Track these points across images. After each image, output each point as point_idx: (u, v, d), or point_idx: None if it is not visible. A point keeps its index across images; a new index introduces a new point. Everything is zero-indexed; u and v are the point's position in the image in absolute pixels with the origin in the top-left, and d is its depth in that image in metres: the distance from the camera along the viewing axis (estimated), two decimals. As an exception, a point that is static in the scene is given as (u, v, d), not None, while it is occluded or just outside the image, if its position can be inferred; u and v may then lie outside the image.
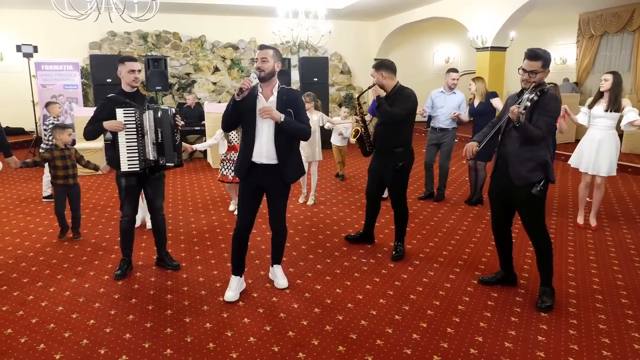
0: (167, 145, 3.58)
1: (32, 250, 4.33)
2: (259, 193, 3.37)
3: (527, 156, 3.12)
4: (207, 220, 5.25)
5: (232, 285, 3.41)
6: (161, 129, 3.56)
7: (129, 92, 3.63)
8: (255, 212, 3.40)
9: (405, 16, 11.88)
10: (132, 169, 3.55)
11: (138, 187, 3.72)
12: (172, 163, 3.62)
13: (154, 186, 3.76)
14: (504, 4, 8.82)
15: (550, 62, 3.16)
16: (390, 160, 3.97)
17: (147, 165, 3.59)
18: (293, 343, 2.84)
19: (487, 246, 4.40)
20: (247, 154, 3.24)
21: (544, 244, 3.26)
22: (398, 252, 4.12)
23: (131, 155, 3.54)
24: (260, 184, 3.30)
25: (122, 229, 3.76)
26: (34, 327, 3.01)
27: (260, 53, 3.15)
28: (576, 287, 3.57)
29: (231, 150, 5.11)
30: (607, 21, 11.09)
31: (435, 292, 3.49)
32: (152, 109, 3.56)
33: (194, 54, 11.91)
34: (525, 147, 3.13)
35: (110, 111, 3.51)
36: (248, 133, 3.24)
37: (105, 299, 3.40)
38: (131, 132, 3.52)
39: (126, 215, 3.72)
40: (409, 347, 2.79)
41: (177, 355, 2.72)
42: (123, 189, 3.66)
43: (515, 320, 3.09)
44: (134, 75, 3.58)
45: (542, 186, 3.11)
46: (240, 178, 3.35)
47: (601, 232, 4.76)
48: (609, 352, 2.74)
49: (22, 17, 10.40)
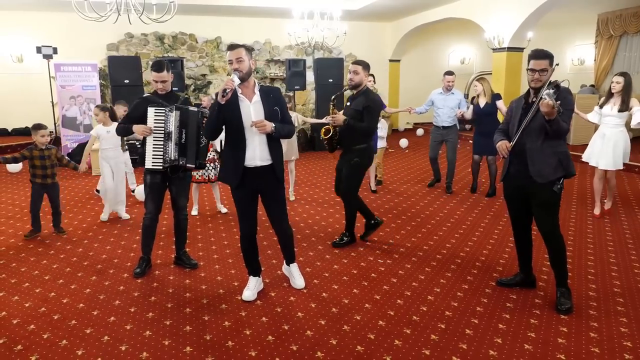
0: (189, 146, 3.64)
1: (52, 248, 4.40)
2: (255, 195, 3.30)
3: (549, 152, 3.09)
4: (224, 219, 5.28)
5: (250, 285, 3.44)
6: (185, 130, 3.62)
7: (163, 93, 3.72)
8: (256, 214, 3.37)
9: (421, 17, 11.82)
10: (155, 167, 3.61)
11: (162, 185, 3.76)
12: (193, 165, 3.67)
13: (178, 185, 3.80)
14: (522, 4, 8.73)
15: (553, 60, 3.16)
16: (350, 156, 4.22)
17: (171, 164, 3.63)
18: (311, 342, 2.85)
19: (505, 247, 4.36)
20: (238, 160, 3.13)
21: (558, 243, 3.22)
22: (343, 240, 4.43)
23: (156, 153, 3.60)
24: (254, 186, 3.24)
25: (144, 226, 3.81)
26: (56, 324, 3.06)
27: (233, 53, 3.05)
28: (596, 289, 3.52)
29: None
30: (627, 21, 10.92)
31: (453, 294, 3.47)
32: (180, 110, 3.61)
33: (210, 55, 12.00)
34: (547, 143, 3.08)
35: (143, 110, 3.61)
36: (237, 139, 3.13)
37: (125, 297, 3.44)
38: (159, 131, 3.59)
39: (149, 212, 3.76)
40: (427, 348, 2.78)
41: (197, 353, 2.75)
42: (147, 185, 3.73)
43: (535, 322, 3.05)
44: (158, 85, 3.67)
45: (561, 184, 3.12)
46: (232, 185, 3.24)
47: (621, 233, 4.69)
48: (631, 356, 2.70)
49: (42, 19, 10.57)
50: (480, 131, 6.06)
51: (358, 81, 4.14)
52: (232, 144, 3.17)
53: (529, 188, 3.20)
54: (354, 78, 4.15)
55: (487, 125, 5.80)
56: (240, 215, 3.32)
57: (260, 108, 3.14)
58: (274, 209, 3.37)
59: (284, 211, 3.41)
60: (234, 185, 3.23)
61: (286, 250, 3.58)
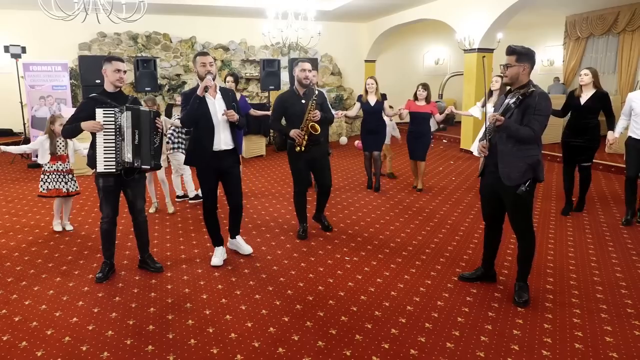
0: (144, 147, 3.56)
1: (17, 250, 4.34)
2: (217, 175, 3.90)
3: (519, 155, 3.14)
4: (194, 219, 5.28)
5: (217, 253, 4.01)
6: (138, 131, 3.53)
7: (112, 92, 3.61)
8: (217, 191, 3.97)
9: (396, 18, 11.96)
10: (108, 170, 3.50)
11: (117, 188, 3.66)
12: (148, 166, 3.61)
13: (134, 188, 3.70)
14: (491, 6, 8.91)
15: (529, 59, 3.17)
16: (325, 148, 4.78)
17: (124, 166, 3.53)
18: (273, 338, 2.88)
19: (470, 243, 4.47)
20: (206, 145, 3.75)
21: (528, 242, 3.30)
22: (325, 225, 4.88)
23: (108, 156, 3.49)
24: (217, 167, 3.84)
25: (102, 231, 3.72)
26: (17, 325, 3.03)
27: (207, 58, 3.75)
28: (554, 282, 3.64)
29: (57, 161, 4.69)
30: (593, 23, 11.23)
31: (416, 289, 3.54)
32: (131, 110, 3.52)
33: (185, 55, 11.91)
34: (518, 147, 3.13)
35: (90, 111, 3.48)
36: (205, 128, 3.73)
37: (89, 298, 3.42)
38: (109, 132, 3.48)
39: (106, 217, 3.67)
40: (387, 342, 2.84)
41: (159, 352, 2.76)
42: (101, 189, 3.61)
43: (492, 315, 3.15)
44: (119, 75, 3.56)
45: (528, 186, 3.14)
46: (201, 166, 3.84)
47: (581, 231, 4.84)
48: (581, 345, 2.81)
49: (10, 18, 10.35)
50: (368, 129, 6.35)
51: None
52: (201, 133, 3.75)
53: (499, 187, 3.28)
54: None
55: (373, 122, 6.25)
56: (207, 189, 3.90)
57: (222, 103, 3.84)
58: (234, 186, 3.98)
59: (240, 188, 4.05)
60: (203, 166, 3.82)
61: (236, 224, 4.19)
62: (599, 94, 5.00)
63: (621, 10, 10.48)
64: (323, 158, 4.60)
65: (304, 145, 4.36)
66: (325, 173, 4.61)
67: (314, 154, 4.45)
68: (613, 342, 2.84)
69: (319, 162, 4.54)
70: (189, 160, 3.97)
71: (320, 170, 4.59)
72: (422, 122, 6.34)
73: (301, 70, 4.32)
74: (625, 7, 10.36)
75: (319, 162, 4.54)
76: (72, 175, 4.84)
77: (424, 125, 6.36)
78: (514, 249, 4.30)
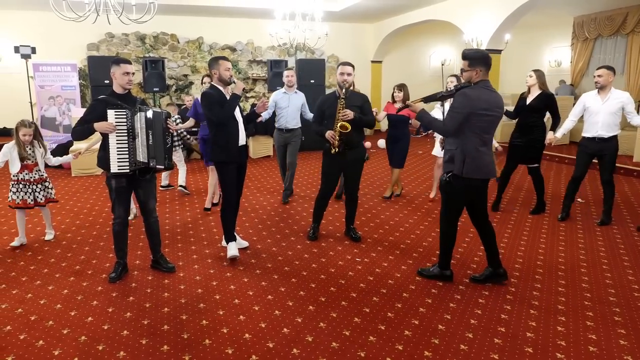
0: (157, 147, 3.58)
1: (30, 249, 4.38)
2: (237, 168, 4.08)
3: (447, 148, 3.51)
4: (204, 220, 5.30)
5: (232, 247, 4.13)
6: (152, 131, 3.57)
7: (121, 93, 3.62)
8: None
9: (402, 19, 11.96)
10: (122, 171, 3.53)
11: (128, 189, 3.70)
12: (162, 165, 3.63)
13: (145, 188, 3.74)
14: (500, 7, 8.91)
15: (481, 62, 3.33)
16: (360, 153, 4.53)
17: (137, 167, 3.58)
18: (287, 339, 2.90)
19: (480, 245, 4.46)
20: (234, 140, 3.98)
21: (443, 232, 3.67)
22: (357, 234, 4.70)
23: (121, 156, 3.52)
24: (239, 161, 4.06)
25: (115, 231, 3.74)
26: (33, 324, 3.07)
27: (228, 64, 3.98)
28: (565, 285, 3.64)
29: (23, 170, 4.34)
30: (601, 24, 11.19)
31: (428, 291, 3.55)
32: (144, 111, 3.56)
33: (192, 56, 11.96)
34: (447, 140, 3.53)
35: (100, 112, 3.49)
36: (233, 124, 3.97)
37: (103, 297, 3.45)
38: (122, 133, 3.51)
39: (118, 217, 3.70)
40: (401, 343, 2.86)
41: (174, 352, 2.78)
42: (113, 190, 3.64)
43: (505, 318, 3.15)
44: (128, 78, 3.58)
45: (448, 177, 3.45)
46: (229, 160, 3.98)
47: (592, 234, 4.84)
48: (595, 348, 2.81)
49: (20, 18, 10.43)
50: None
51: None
52: (227, 130, 3.95)
53: None
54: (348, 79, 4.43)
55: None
56: (229, 186, 4.04)
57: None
58: (243, 180, 4.22)
59: None
60: (230, 160, 3.99)
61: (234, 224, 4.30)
62: (543, 95, 5.14)
63: (630, 10, 10.43)
64: (356, 163, 4.49)
65: (336, 146, 4.31)
66: (354, 179, 4.54)
67: (348, 157, 4.38)
68: (627, 346, 2.84)
69: (351, 167, 4.47)
70: (218, 156, 4.01)
71: (350, 176, 4.53)
72: (398, 126, 5.91)
73: (340, 74, 4.40)
74: (634, 8, 10.32)
75: (351, 167, 4.47)
76: (45, 184, 4.48)
77: (401, 129, 5.93)
78: (524, 251, 4.31)
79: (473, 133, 3.32)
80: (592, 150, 4.95)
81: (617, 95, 4.81)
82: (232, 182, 4.04)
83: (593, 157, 5.01)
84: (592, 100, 4.92)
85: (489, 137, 3.40)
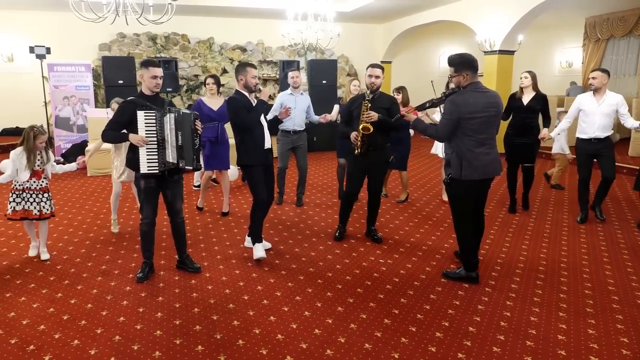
0: (186, 148, 3.63)
1: (54, 249, 4.41)
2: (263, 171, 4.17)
3: (445, 151, 3.69)
4: (224, 220, 5.32)
5: (258, 247, 4.15)
6: (182, 132, 3.61)
7: (149, 95, 3.64)
8: None
9: (412, 19, 11.95)
10: (151, 171, 3.57)
11: (157, 190, 3.72)
12: (191, 166, 3.68)
13: (173, 188, 3.78)
14: (513, 7, 8.90)
15: (466, 66, 3.51)
16: (385, 154, 4.50)
17: (167, 167, 3.61)
18: (320, 340, 2.92)
19: (502, 247, 4.48)
20: (261, 143, 4.10)
21: (457, 234, 3.74)
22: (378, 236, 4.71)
23: (151, 157, 3.55)
24: (265, 163, 4.15)
25: (142, 232, 3.77)
26: (66, 324, 3.09)
27: (255, 71, 4.05)
28: (592, 287, 3.64)
29: (31, 178, 4.03)
30: (614, 25, 11.17)
31: (455, 292, 3.56)
32: (174, 112, 3.59)
33: (202, 56, 11.98)
34: (447, 144, 3.67)
35: (130, 114, 3.52)
36: (256, 129, 4.07)
37: (132, 297, 3.47)
38: (151, 134, 3.54)
39: (146, 218, 3.73)
40: (434, 345, 2.87)
41: (209, 352, 2.80)
42: (142, 191, 3.67)
43: (535, 320, 3.16)
44: (156, 82, 3.59)
45: (448, 179, 3.60)
46: (258, 163, 4.07)
47: (615, 242, 4.84)
48: (629, 351, 2.82)
49: (34, 19, 10.48)
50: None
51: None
52: (254, 134, 4.06)
53: None
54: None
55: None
56: (261, 186, 4.10)
57: None
58: (272, 180, 4.31)
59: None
60: (259, 163, 4.08)
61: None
62: (539, 96, 5.32)
63: (643, 12, 10.42)
64: (380, 166, 4.50)
65: (359, 147, 4.33)
66: (377, 181, 4.56)
67: (372, 159, 4.38)
68: (660, 348, 2.84)
69: (374, 169, 4.48)
70: (247, 160, 4.08)
71: (373, 177, 4.53)
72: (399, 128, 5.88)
73: (368, 76, 4.40)
74: (647, 9, 10.31)
75: (375, 169, 4.48)
76: (49, 194, 4.14)
77: (401, 131, 5.60)
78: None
79: (466, 136, 3.45)
80: (589, 150, 5.05)
81: (612, 97, 4.93)
82: (260, 182, 4.11)
83: (593, 158, 5.09)
84: (587, 102, 5.01)
85: (485, 137, 3.49)
